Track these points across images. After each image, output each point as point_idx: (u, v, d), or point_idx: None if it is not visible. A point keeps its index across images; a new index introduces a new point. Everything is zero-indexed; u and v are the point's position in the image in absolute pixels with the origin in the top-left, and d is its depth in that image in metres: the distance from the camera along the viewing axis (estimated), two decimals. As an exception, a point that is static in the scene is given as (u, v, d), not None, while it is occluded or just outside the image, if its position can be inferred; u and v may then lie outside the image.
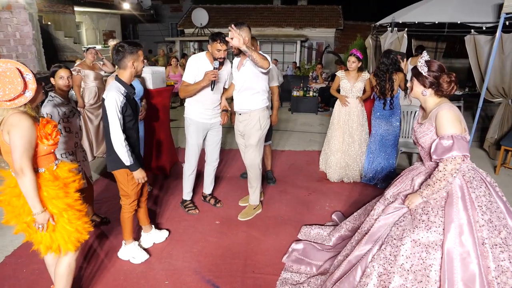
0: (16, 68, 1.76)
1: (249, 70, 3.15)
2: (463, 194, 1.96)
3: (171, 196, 3.98)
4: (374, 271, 2.02)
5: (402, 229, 2.04)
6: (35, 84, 1.83)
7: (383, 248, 2.04)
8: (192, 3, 18.33)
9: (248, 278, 2.66)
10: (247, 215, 3.52)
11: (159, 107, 4.30)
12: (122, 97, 2.40)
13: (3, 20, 6.23)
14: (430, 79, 2.04)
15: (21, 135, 1.77)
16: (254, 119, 3.30)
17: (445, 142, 1.92)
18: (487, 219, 1.89)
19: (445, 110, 1.98)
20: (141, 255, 2.84)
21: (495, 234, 1.87)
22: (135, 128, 2.58)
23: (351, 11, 16.96)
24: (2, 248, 2.98)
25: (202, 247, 3.04)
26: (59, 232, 1.99)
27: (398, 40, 5.97)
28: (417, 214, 2.04)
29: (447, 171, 1.92)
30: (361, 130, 4.33)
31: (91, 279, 2.63)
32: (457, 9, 5.42)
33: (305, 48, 15.34)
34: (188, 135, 3.46)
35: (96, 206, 3.58)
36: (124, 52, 2.41)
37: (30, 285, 2.54)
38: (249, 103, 3.26)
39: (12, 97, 1.74)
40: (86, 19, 14.14)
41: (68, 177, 2.03)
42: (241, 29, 2.97)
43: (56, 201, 1.94)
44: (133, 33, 19.85)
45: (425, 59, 2.07)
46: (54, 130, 1.92)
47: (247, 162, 3.47)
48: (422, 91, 2.09)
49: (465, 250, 1.84)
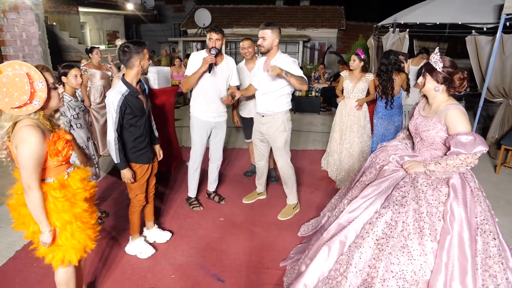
0: (26, 74, 1.66)
1: None
2: (464, 184, 2.01)
3: (176, 194, 4.06)
4: (371, 233, 2.01)
5: (403, 195, 2.04)
6: (45, 93, 1.74)
7: (384, 213, 2.03)
8: (195, 4, 18.41)
9: (252, 273, 2.73)
10: (287, 215, 3.56)
11: (164, 107, 4.38)
12: (119, 97, 2.46)
13: (10, 20, 6.31)
14: (443, 74, 2.05)
15: (29, 153, 1.69)
16: (278, 121, 3.32)
17: (465, 138, 1.94)
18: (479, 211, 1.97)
19: (457, 109, 2.01)
20: (148, 250, 2.91)
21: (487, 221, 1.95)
22: (139, 124, 2.63)
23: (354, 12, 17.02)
24: (13, 243, 3.06)
25: (207, 243, 3.11)
26: (62, 245, 1.93)
27: (399, 40, 6.02)
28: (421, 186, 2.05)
29: (466, 162, 1.95)
30: (362, 132, 4.31)
31: (99, 274, 2.71)
32: (458, 10, 5.47)
33: (307, 48, 15.38)
34: (192, 133, 3.53)
35: (100, 202, 3.67)
36: (130, 52, 2.48)
37: (40, 279, 2.62)
38: (273, 105, 3.29)
39: (17, 105, 1.66)
40: (90, 20, 14.23)
41: (78, 188, 1.95)
42: (272, 31, 3.08)
43: (63, 214, 1.87)
44: (136, 34, 19.94)
45: (439, 55, 2.08)
46: (66, 147, 1.84)
47: (278, 164, 3.49)
48: (435, 87, 2.10)
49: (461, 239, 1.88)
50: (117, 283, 2.61)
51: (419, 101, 2.36)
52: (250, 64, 3.96)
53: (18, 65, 1.68)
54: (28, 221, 1.87)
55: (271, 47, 3.14)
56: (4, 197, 1.97)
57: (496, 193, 4.15)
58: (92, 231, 2.08)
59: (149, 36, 19.29)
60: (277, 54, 3.20)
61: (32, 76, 1.70)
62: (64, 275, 2.09)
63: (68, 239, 1.93)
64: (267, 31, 3.09)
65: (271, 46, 3.14)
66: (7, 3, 5.96)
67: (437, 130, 2.09)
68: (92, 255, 2.90)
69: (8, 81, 1.63)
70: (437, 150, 2.15)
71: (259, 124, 3.49)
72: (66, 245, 1.94)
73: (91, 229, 2.07)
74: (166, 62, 11.87)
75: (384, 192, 2.16)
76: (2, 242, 3.08)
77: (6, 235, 3.18)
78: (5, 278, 2.64)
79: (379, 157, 2.40)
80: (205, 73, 3.26)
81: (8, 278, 2.64)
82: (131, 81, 2.55)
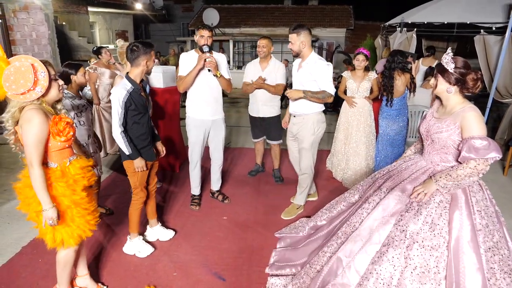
0: (31, 64, 1.86)
1: (307, 73, 3.20)
2: (467, 198, 1.95)
3: (180, 192, 4.09)
4: (374, 273, 1.97)
5: (402, 229, 1.99)
6: (47, 82, 1.92)
7: (385, 251, 1.98)
8: (203, 3, 18.50)
9: (253, 272, 2.74)
10: (290, 214, 3.56)
11: (169, 106, 4.41)
12: (125, 93, 2.55)
13: (20, 20, 6.42)
14: (456, 75, 1.97)
15: (32, 131, 1.86)
16: (308, 122, 3.33)
17: (479, 142, 1.85)
18: (484, 224, 1.90)
19: (475, 112, 1.93)
20: (146, 249, 2.92)
21: (489, 238, 1.88)
22: (142, 122, 2.70)
23: (362, 11, 16.91)
24: (19, 239, 3.11)
25: (209, 242, 3.13)
26: (63, 228, 2.07)
27: (407, 40, 5.98)
28: (420, 215, 1.98)
29: (477, 170, 1.87)
30: (369, 131, 4.31)
31: (102, 271, 2.74)
32: (466, 9, 5.41)
33: (315, 48, 15.34)
34: (188, 133, 3.56)
35: (104, 199, 3.72)
36: (139, 52, 2.56)
37: (45, 274, 2.66)
38: (305, 106, 3.29)
39: (22, 92, 1.84)
40: (99, 19, 14.39)
41: (77, 174, 2.08)
42: (297, 34, 3.10)
43: (63, 199, 2.02)
44: (145, 33, 20.11)
45: (450, 55, 2.00)
46: (67, 127, 1.99)
47: (301, 165, 3.51)
48: (447, 88, 2.02)
49: (469, 255, 1.83)
50: (120, 280, 2.64)
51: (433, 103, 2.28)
52: (263, 63, 4.01)
53: (24, 58, 1.89)
54: (32, 203, 1.99)
55: (300, 50, 3.17)
56: (9, 193, 2.05)
57: (503, 195, 4.10)
58: (92, 216, 2.19)
59: (158, 35, 19.44)
60: (309, 57, 3.19)
61: (36, 67, 1.89)
62: (65, 256, 2.22)
63: (67, 223, 2.07)
64: (293, 36, 3.13)
65: (299, 49, 3.16)
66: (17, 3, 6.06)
67: (450, 133, 2.00)
68: (95, 251, 2.94)
69: (15, 71, 1.84)
70: (447, 154, 2.06)
71: (291, 124, 3.53)
72: (66, 229, 2.08)
73: (91, 215, 2.19)
74: (174, 62, 11.94)
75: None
76: (9, 238, 3.14)
77: (12, 231, 3.24)
78: (12, 273, 2.69)
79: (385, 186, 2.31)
80: (201, 70, 3.28)
81: (14, 273, 2.69)
82: (135, 79, 2.62)
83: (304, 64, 3.21)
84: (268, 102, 4.06)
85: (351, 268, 2.08)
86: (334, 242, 2.33)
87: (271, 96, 4.02)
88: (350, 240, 2.19)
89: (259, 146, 4.55)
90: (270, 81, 3.95)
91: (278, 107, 4.19)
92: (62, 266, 2.26)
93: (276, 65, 4.00)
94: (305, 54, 3.20)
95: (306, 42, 3.13)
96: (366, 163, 4.31)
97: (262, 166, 4.70)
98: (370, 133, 4.34)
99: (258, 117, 4.17)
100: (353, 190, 2.62)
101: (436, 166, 2.12)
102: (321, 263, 2.31)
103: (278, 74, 3.97)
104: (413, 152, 2.46)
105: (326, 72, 3.13)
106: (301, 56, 3.23)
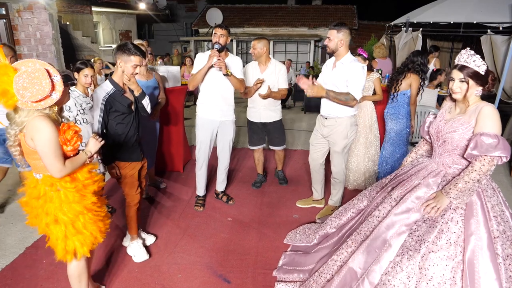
0: (45, 69, 1.74)
1: (341, 74, 3.09)
2: (482, 203, 1.89)
3: (185, 193, 4.06)
4: (388, 285, 1.90)
5: (417, 239, 1.93)
6: (62, 86, 1.82)
7: (398, 261, 1.92)
8: (206, 3, 18.48)
9: (259, 274, 2.71)
10: (323, 215, 3.53)
11: (173, 106, 4.39)
12: (104, 95, 2.50)
13: (25, 20, 6.43)
14: (485, 77, 1.94)
15: (47, 138, 1.76)
16: (341, 126, 3.22)
17: (488, 139, 1.80)
18: (501, 230, 1.83)
19: (493, 108, 1.88)
20: (142, 255, 2.85)
21: (508, 245, 1.81)
22: (126, 122, 2.62)
23: (366, 11, 16.84)
24: (23, 239, 3.10)
25: (214, 243, 3.10)
26: (75, 236, 1.97)
27: (412, 40, 5.94)
28: (436, 223, 1.92)
29: (482, 172, 1.82)
30: (367, 131, 4.22)
31: (107, 273, 2.72)
32: (473, 9, 5.37)
33: (319, 48, 15.30)
34: (197, 132, 3.53)
35: (107, 198, 3.68)
36: (118, 50, 2.49)
37: (49, 275, 2.65)
38: (337, 109, 3.16)
39: (39, 99, 1.72)
40: (103, 19, 14.42)
41: (87, 178, 2.00)
42: (338, 31, 3.01)
43: (74, 205, 1.93)
44: (149, 33, 20.14)
45: (478, 56, 1.92)
46: (75, 136, 1.89)
47: (332, 169, 3.44)
48: (476, 91, 1.95)
49: (486, 264, 1.78)
50: (124, 281, 2.62)
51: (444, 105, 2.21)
52: (262, 65, 3.84)
53: (32, 63, 1.75)
54: (40, 214, 1.91)
55: (336, 49, 3.06)
56: (13, 193, 2.00)
57: (510, 196, 4.05)
58: (103, 223, 2.11)
59: (161, 35, 19.47)
60: (345, 57, 3.10)
61: (49, 71, 1.77)
62: (77, 268, 2.11)
63: (80, 230, 1.96)
64: (333, 32, 3.02)
65: (336, 47, 3.06)
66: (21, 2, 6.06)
67: (465, 131, 1.94)
68: (99, 252, 2.92)
69: (28, 77, 1.70)
70: (460, 155, 1.99)
71: (320, 126, 3.39)
72: (79, 236, 1.97)
73: (102, 222, 2.11)
74: (178, 62, 11.94)
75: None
76: (13, 238, 3.12)
77: (16, 231, 3.23)
78: (16, 273, 2.68)
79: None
80: (211, 68, 3.26)
81: (18, 273, 2.68)
82: (118, 80, 2.55)
83: (338, 63, 3.11)
84: (270, 106, 3.89)
85: (365, 280, 2.01)
86: (344, 251, 2.28)
87: (272, 100, 3.86)
88: (363, 250, 2.12)
89: (258, 155, 4.25)
90: (271, 84, 3.76)
91: (280, 110, 4.03)
92: (77, 280, 2.14)
93: (277, 67, 3.81)
94: (341, 53, 3.09)
95: (345, 41, 3.04)
96: (364, 164, 4.23)
97: (265, 175, 4.50)
98: (370, 133, 4.23)
99: (259, 122, 3.97)
100: (361, 196, 2.59)
101: (448, 168, 2.06)
102: (331, 272, 2.27)
103: (281, 78, 3.82)
104: (420, 155, 2.40)
105: (359, 75, 3.03)
106: (336, 55, 3.13)
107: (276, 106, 3.96)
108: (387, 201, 2.21)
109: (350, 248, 2.26)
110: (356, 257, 2.13)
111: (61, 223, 1.92)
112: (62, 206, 1.90)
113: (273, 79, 3.79)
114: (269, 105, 3.88)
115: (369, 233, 2.18)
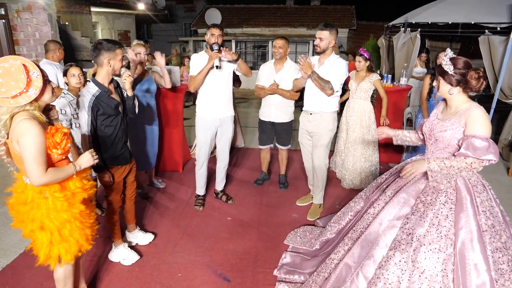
0: (22, 64, 1.69)
1: (328, 71, 3.22)
2: (472, 198, 1.94)
3: (184, 193, 4.08)
4: (382, 278, 1.94)
5: (408, 232, 1.98)
6: (41, 82, 1.75)
7: (391, 255, 1.97)
8: (205, 3, 18.47)
9: (258, 273, 2.73)
10: (315, 215, 3.57)
11: (173, 106, 4.40)
12: (90, 97, 2.40)
13: (24, 20, 6.43)
14: (456, 77, 1.97)
15: (31, 143, 1.70)
16: (326, 120, 3.36)
17: (479, 142, 1.87)
18: (490, 224, 1.89)
19: (481, 110, 1.94)
20: (131, 256, 2.83)
21: (497, 239, 1.87)
22: (114, 124, 2.55)
23: (364, 11, 16.88)
24: (23, 239, 3.02)
25: (214, 242, 3.12)
26: (61, 244, 1.94)
27: (411, 40, 5.96)
28: (426, 216, 1.97)
29: (471, 167, 1.93)
30: (365, 132, 4.21)
31: (107, 273, 2.74)
32: (471, 10, 5.40)
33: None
34: (197, 132, 3.55)
35: (102, 200, 3.69)
36: (100, 49, 2.36)
37: (49, 275, 2.63)
38: (323, 105, 3.32)
39: (14, 94, 1.67)
40: (102, 19, 14.39)
41: (77, 188, 1.95)
42: (330, 32, 3.13)
43: (61, 213, 1.89)
44: (147, 33, 20.11)
45: (449, 57, 2.00)
46: (64, 139, 1.82)
47: (316, 162, 3.49)
48: (449, 90, 2.03)
49: (476, 256, 1.82)
50: (124, 280, 2.64)
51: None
52: (277, 65, 3.81)
53: (13, 59, 1.71)
54: (26, 219, 1.89)
55: (327, 48, 3.20)
56: (5, 197, 2.00)
57: (508, 195, 4.08)
58: (91, 230, 2.10)
59: (160, 35, 19.45)
60: (331, 55, 3.27)
61: (27, 67, 1.73)
62: (63, 272, 2.12)
63: (65, 238, 1.94)
64: (325, 32, 3.14)
65: (327, 47, 3.19)
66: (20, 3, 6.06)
67: (455, 131, 2.00)
68: (99, 252, 2.93)
69: (4, 72, 1.67)
70: (451, 153, 2.06)
71: (305, 122, 3.51)
72: (64, 244, 1.96)
73: (90, 229, 2.09)
74: (176, 62, 11.94)
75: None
76: (13, 238, 3.13)
77: (16, 231, 3.19)
78: (16, 273, 2.69)
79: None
80: (211, 69, 3.27)
81: (18, 273, 2.69)
82: (102, 81, 2.44)
83: (326, 61, 3.25)
84: (281, 107, 3.86)
85: (359, 274, 2.06)
86: (341, 249, 2.32)
87: (285, 101, 3.82)
88: (357, 245, 2.17)
89: (265, 154, 4.30)
90: (284, 84, 3.73)
91: (291, 113, 3.97)
92: (62, 284, 2.14)
93: (292, 67, 3.76)
94: (328, 53, 3.25)
95: (334, 41, 3.20)
96: (360, 164, 4.23)
97: (268, 174, 4.51)
98: (368, 134, 4.23)
99: (268, 121, 3.97)
100: (357, 198, 2.62)
101: None
102: (329, 270, 2.29)
103: (295, 78, 3.78)
104: (415, 137, 2.46)
105: (343, 70, 3.21)
106: (323, 54, 3.25)
107: (288, 108, 3.92)
108: (381, 198, 2.27)
109: (346, 246, 2.30)
110: (351, 253, 2.18)
111: (47, 230, 1.90)
112: (49, 213, 1.87)
113: (287, 79, 3.74)
114: (279, 105, 3.86)
115: (364, 229, 2.23)
